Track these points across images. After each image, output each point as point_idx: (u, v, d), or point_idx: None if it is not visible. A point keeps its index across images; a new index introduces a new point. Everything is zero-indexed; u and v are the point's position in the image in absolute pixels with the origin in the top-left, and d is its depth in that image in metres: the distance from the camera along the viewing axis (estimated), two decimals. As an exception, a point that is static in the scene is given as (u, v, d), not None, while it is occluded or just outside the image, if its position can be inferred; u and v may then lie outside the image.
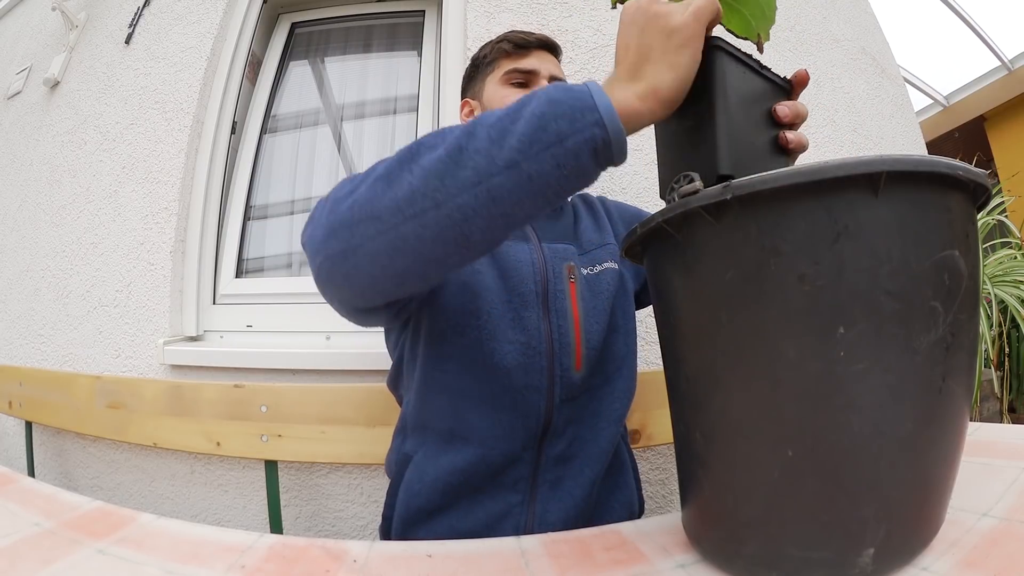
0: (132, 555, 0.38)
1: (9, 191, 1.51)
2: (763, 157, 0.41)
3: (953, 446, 0.32)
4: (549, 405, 0.60)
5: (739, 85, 0.40)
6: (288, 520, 1.04)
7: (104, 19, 1.50)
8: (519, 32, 0.74)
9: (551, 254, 0.64)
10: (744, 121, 0.40)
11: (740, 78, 0.40)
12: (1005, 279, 1.73)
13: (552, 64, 0.73)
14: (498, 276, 0.61)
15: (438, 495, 0.59)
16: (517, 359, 0.59)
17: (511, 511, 0.59)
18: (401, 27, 1.44)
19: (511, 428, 0.59)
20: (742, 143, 0.39)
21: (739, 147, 0.39)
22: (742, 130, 0.39)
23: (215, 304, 1.23)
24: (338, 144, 1.40)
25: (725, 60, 0.39)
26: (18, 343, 1.36)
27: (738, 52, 0.40)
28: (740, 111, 0.39)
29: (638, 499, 0.70)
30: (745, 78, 0.41)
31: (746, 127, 0.40)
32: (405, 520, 0.61)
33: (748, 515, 0.33)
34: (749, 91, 0.41)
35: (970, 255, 0.31)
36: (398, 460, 0.64)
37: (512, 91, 0.70)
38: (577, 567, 0.38)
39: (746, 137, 0.40)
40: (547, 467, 0.60)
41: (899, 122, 1.46)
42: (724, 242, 0.32)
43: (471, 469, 0.59)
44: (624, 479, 0.68)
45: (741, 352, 0.32)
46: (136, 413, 1.05)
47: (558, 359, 0.60)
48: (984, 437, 0.51)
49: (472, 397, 0.59)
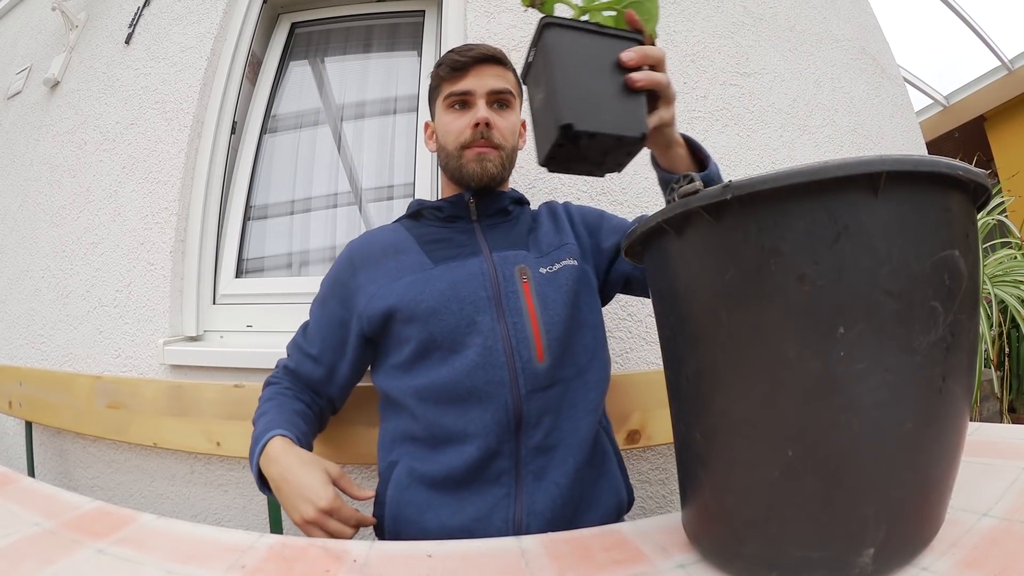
0: (132, 555, 0.38)
1: (9, 191, 1.51)
2: (609, 101, 0.45)
3: (953, 446, 0.32)
4: (516, 397, 0.64)
5: (573, 47, 0.45)
6: (288, 520, 1.04)
7: (104, 19, 1.50)
8: (454, 53, 0.75)
9: (501, 261, 0.70)
10: (583, 74, 0.44)
11: (575, 41, 0.45)
12: (1005, 279, 1.73)
13: (493, 77, 0.74)
14: (450, 294, 0.67)
15: (425, 494, 0.64)
16: (476, 360, 0.64)
17: (498, 504, 0.62)
18: (401, 27, 1.44)
19: (483, 424, 0.63)
20: (581, 92, 0.44)
21: (578, 96, 0.43)
22: (581, 82, 0.44)
23: (215, 304, 1.23)
24: (338, 144, 1.40)
25: (554, 32, 0.44)
26: (18, 343, 1.36)
27: (568, 21, 0.46)
28: (576, 67, 0.44)
29: (625, 488, 0.72)
30: (580, 41, 0.45)
31: (587, 79, 0.44)
32: (396, 517, 0.65)
33: (748, 515, 0.33)
34: (587, 50, 0.45)
35: (970, 255, 0.31)
36: (385, 467, 0.70)
37: (453, 115, 0.75)
38: (577, 567, 0.38)
39: (587, 86, 0.44)
40: (528, 459, 0.64)
41: (899, 122, 1.46)
42: (724, 242, 0.32)
43: (453, 468, 0.63)
44: (608, 468, 0.70)
45: (741, 352, 0.32)
46: (136, 413, 1.05)
47: (517, 352, 0.65)
48: (984, 437, 0.51)
49: (442, 403, 0.65)
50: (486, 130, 0.72)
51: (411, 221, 0.79)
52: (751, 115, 1.23)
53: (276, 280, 1.26)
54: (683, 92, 1.21)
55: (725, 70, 1.24)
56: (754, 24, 1.31)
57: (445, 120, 0.75)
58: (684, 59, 1.22)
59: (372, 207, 1.34)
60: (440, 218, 0.77)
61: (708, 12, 1.28)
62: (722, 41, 1.26)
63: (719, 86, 1.23)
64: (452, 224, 0.76)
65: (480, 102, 0.73)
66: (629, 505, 0.72)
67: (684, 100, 1.20)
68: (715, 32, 1.26)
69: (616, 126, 0.44)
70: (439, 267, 0.70)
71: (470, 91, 0.73)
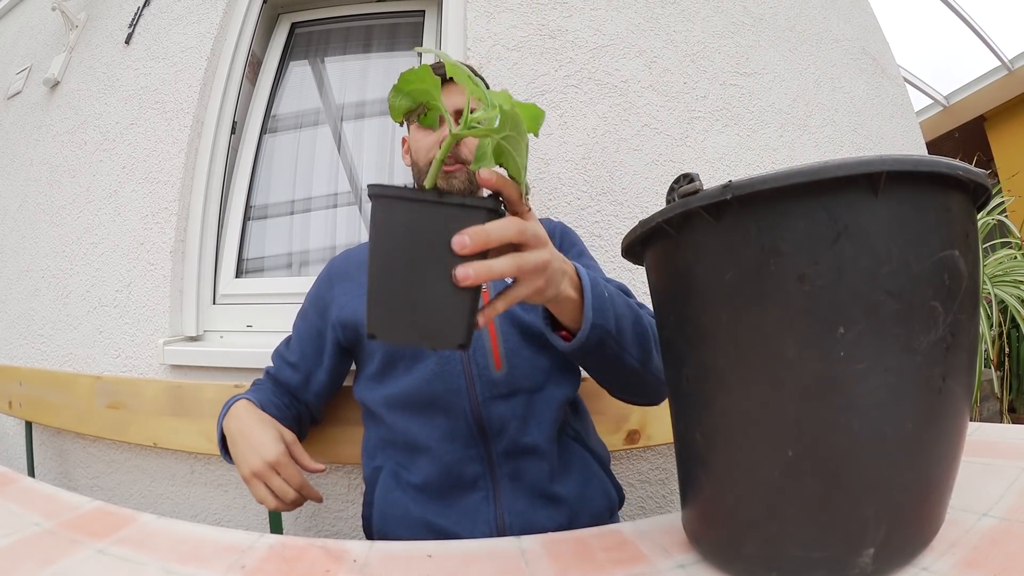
0: (132, 555, 0.38)
1: (9, 191, 1.51)
2: (433, 298, 0.36)
3: (953, 446, 0.32)
4: (474, 404, 0.66)
5: (403, 226, 0.35)
6: (288, 520, 1.04)
7: (104, 19, 1.50)
8: None
9: None
10: (404, 263, 0.35)
11: (406, 217, 0.35)
12: (1005, 279, 1.73)
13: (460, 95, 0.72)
14: None
15: (410, 496, 0.66)
16: (435, 369, 0.67)
17: (479, 506, 0.64)
18: (401, 27, 1.44)
19: (447, 431, 0.66)
20: (397, 288, 0.35)
21: (389, 295, 0.36)
22: (398, 275, 0.35)
23: (215, 304, 1.23)
24: (338, 144, 1.40)
25: (381, 206, 0.36)
26: (18, 343, 1.36)
27: (399, 190, 0.36)
28: (400, 253, 0.35)
29: (614, 487, 0.73)
30: (413, 216, 0.35)
31: (408, 271, 0.35)
32: (384, 517, 0.67)
33: (748, 515, 0.33)
34: (420, 228, 0.35)
35: (970, 255, 0.31)
36: (371, 472, 0.72)
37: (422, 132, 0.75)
38: (577, 567, 0.38)
39: (406, 280, 0.35)
40: (500, 462, 0.65)
41: (899, 122, 1.46)
42: (724, 242, 0.32)
43: (429, 475, 0.65)
44: (591, 471, 0.71)
45: (741, 352, 0.32)
46: (136, 413, 1.05)
47: (473, 359, 0.67)
48: (984, 437, 0.51)
49: (408, 412, 0.68)
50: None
51: None
52: (751, 115, 1.23)
53: (276, 280, 1.26)
54: (683, 92, 1.21)
55: (725, 70, 1.24)
56: (754, 24, 1.31)
57: (416, 137, 0.77)
58: (684, 59, 1.22)
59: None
60: None
61: (708, 12, 1.28)
62: (722, 41, 1.26)
63: (719, 86, 1.23)
64: None
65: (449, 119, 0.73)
66: (620, 503, 0.74)
67: (684, 100, 1.20)
68: (715, 32, 1.26)
69: (428, 334, 0.36)
70: None
71: None
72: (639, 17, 1.23)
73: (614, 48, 1.21)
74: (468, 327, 0.37)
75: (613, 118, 1.17)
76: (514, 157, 0.38)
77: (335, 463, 1.03)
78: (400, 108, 0.41)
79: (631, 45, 1.21)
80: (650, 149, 1.16)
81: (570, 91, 1.18)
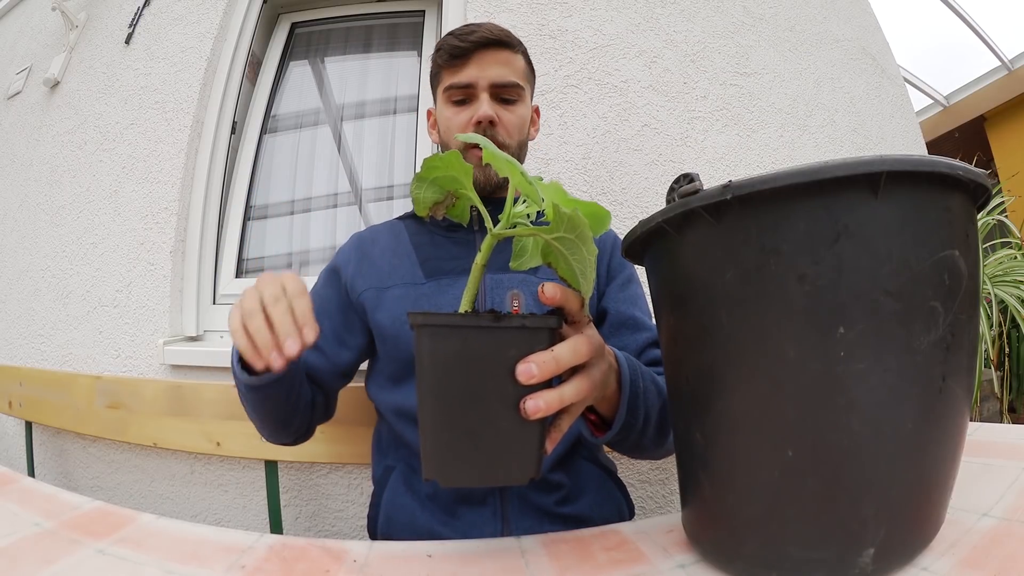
0: (132, 555, 0.38)
1: (9, 191, 1.51)
2: (495, 434, 0.33)
3: (953, 446, 0.32)
4: None
5: (456, 356, 0.33)
6: (288, 520, 1.04)
7: (104, 19, 1.50)
8: (454, 36, 0.67)
9: (493, 284, 0.66)
10: (461, 398, 0.33)
11: (458, 348, 0.32)
12: (1005, 279, 1.74)
13: (497, 65, 0.66)
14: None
15: (418, 503, 0.63)
16: None
17: (487, 522, 0.62)
18: (401, 27, 1.44)
19: None
20: (454, 430, 0.33)
21: (448, 438, 0.33)
22: (455, 415, 0.33)
23: (215, 304, 1.23)
24: (338, 144, 1.40)
25: (427, 336, 0.33)
26: (18, 343, 1.36)
27: (446, 319, 0.33)
28: (455, 387, 0.33)
29: (626, 503, 0.70)
30: (466, 345, 0.32)
31: (465, 406, 0.33)
32: (389, 521, 0.65)
33: (748, 515, 0.33)
34: (475, 357, 0.33)
35: (970, 255, 0.31)
36: (382, 472, 0.69)
37: (453, 110, 0.67)
38: (577, 567, 0.38)
39: (463, 418, 0.33)
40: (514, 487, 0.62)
41: (899, 122, 1.46)
42: (724, 242, 0.32)
43: (438, 488, 0.62)
44: (606, 490, 0.68)
45: (741, 352, 0.31)
46: (136, 413, 1.05)
47: None
48: (984, 437, 0.51)
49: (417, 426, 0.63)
50: (490, 129, 0.66)
51: (413, 223, 0.75)
52: (751, 115, 1.23)
53: (276, 280, 1.26)
54: (683, 92, 1.21)
55: (725, 70, 1.25)
56: (754, 24, 1.31)
57: (446, 114, 0.69)
58: (684, 59, 1.22)
59: (372, 207, 1.35)
60: (441, 225, 0.73)
61: (708, 12, 1.28)
62: (722, 41, 1.26)
63: (719, 86, 1.23)
64: (452, 233, 0.72)
65: (483, 95, 0.66)
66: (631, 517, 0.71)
67: (684, 100, 1.20)
68: (715, 32, 1.27)
69: (494, 473, 0.34)
70: (429, 283, 0.66)
71: (471, 83, 0.66)
72: (639, 17, 1.23)
73: (614, 48, 1.21)
74: (539, 459, 0.34)
75: (613, 118, 1.17)
76: (569, 261, 0.34)
77: (335, 463, 1.04)
78: (425, 202, 0.36)
79: (631, 45, 1.21)
80: (650, 149, 1.16)
81: (570, 91, 1.18)
